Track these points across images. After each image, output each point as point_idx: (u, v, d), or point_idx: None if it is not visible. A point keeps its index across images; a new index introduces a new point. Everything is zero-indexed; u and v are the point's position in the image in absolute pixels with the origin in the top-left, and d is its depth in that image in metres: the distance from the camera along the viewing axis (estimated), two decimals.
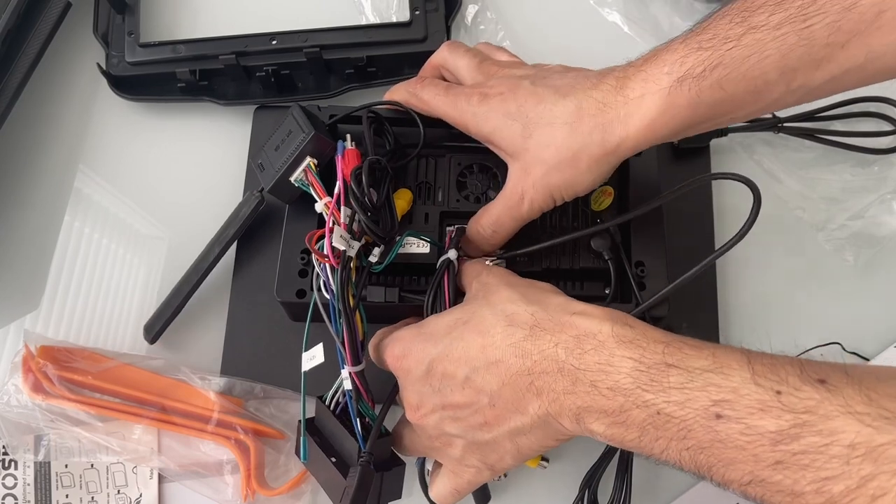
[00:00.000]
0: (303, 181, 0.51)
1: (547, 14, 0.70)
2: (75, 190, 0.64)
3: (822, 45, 0.40)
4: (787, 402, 0.34)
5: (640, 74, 0.44)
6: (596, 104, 0.45)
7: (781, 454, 0.33)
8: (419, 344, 0.46)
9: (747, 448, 0.34)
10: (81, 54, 0.68)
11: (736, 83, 0.42)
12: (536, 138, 0.47)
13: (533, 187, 0.48)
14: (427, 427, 0.46)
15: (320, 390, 0.50)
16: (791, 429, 0.33)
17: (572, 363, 0.40)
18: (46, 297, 0.61)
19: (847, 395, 0.33)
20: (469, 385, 0.43)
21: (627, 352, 0.39)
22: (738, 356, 0.37)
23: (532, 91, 0.48)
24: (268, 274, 0.56)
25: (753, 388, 0.35)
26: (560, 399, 0.40)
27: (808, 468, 0.33)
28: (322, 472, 0.49)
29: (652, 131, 0.44)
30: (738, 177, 0.46)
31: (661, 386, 0.37)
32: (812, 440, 0.33)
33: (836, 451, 0.32)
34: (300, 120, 0.51)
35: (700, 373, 0.37)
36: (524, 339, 0.42)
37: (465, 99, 0.50)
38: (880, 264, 0.61)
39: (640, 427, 0.38)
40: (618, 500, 0.52)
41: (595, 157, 0.46)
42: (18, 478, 0.56)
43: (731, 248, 0.45)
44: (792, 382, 0.35)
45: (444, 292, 0.50)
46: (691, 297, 0.57)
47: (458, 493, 0.48)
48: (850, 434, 0.32)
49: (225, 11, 0.70)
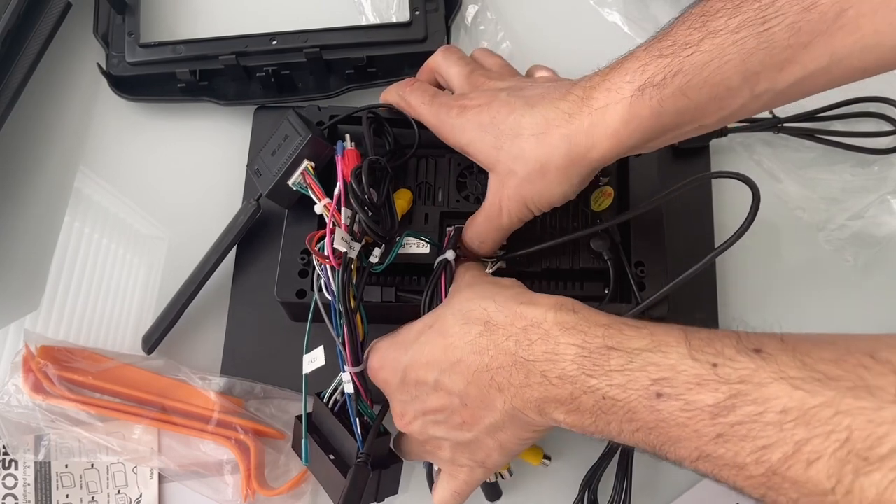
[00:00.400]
0: (301, 184, 0.52)
1: (547, 14, 0.70)
2: (75, 190, 0.64)
3: (783, 48, 0.39)
4: (723, 374, 0.34)
5: (605, 84, 0.44)
6: (562, 115, 0.45)
7: (721, 427, 0.33)
8: (392, 353, 0.47)
9: (689, 424, 0.34)
10: (81, 54, 0.68)
11: (698, 90, 0.41)
12: (507, 150, 0.47)
13: (508, 199, 0.48)
14: (415, 433, 0.47)
15: (319, 390, 0.51)
16: (727, 400, 0.33)
17: (523, 355, 0.40)
18: (46, 297, 0.61)
19: (781, 362, 0.33)
20: (440, 388, 0.44)
21: (570, 338, 0.39)
22: (675, 333, 0.37)
23: (506, 102, 0.48)
24: (268, 275, 0.56)
25: (690, 363, 0.35)
26: (520, 392, 0.41)
27: (746, 438, 0.33)
28: (320, 469, 0.50)
29: (617, 141, 0.43)
30: (737, 175, 0.46)
31: (602, 370, 0.38)
32: (747, 409, 0.33)
33: (770, 418, 0.32)
34: (296, 124, 0.52)
35: (639, 353, 0.37)
36: (479, 335, 0.42)
37: (446, 110, 0.51)
38: (880, 264, 0.61)
39: (592, 413, 0.38)
40: (618, 500, 0.52)
41: (562, 167, 0.45)
42: (19, 478, 0.56)
43: (730, 246, 0.45)
44: (728, 354, 0.34)
45: (441, 293, 0.50)
46: (691, 297, 0.57)
47: (458, 494, 0.49)
48: (783, 399, 0.32)
49: (225, 11, 0.70)
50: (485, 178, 0.55)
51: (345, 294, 0.47)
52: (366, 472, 0.47)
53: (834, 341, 0.34)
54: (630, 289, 0.52)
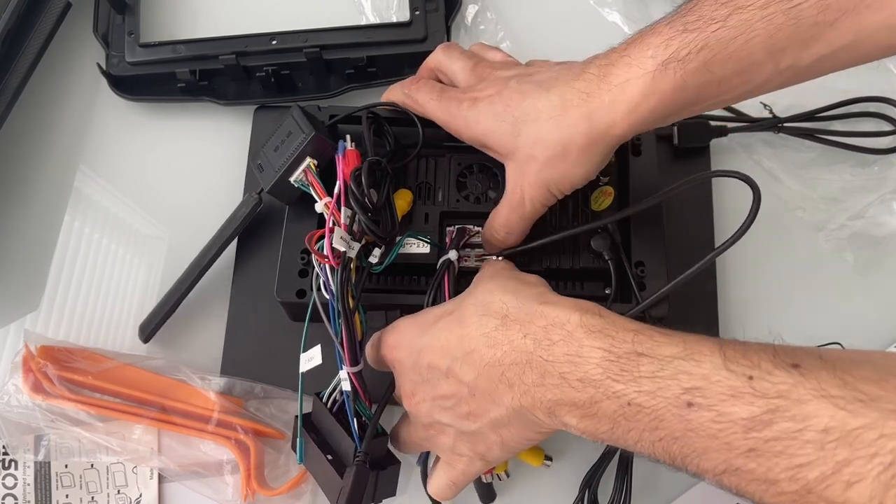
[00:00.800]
0: (302, 182, 0.51)
1: (547, 14, 0.70)
2: (75, 190, 0.64)
3: (810, 25, 0.39)
4: (760, 388, 0.33)
5: (624, 60, 0.44)
6: (579, 95, 0.45)
7: (754, 441, 0.33)
8: (410, 334, 0.47)
9: (719, 436, 0.34)
10: (81, 54, 0.68)
11: (722, 65, 0.41)
12: (525, 136, 0.47)
13: (530, 186, 0.48)
14: (421, 415, 0.47)
15: (319, 390, 0.51)
16: (763, 415, 0.33)
17: (541, 355, 0.40)
18: (46, 297, 0.61)
19: (821, 379, 0.32)
20: (451, 375, 0.44)
21: (596, 342, 0.39)
22: (709, 343, 0.37)
23: (517, 89, 0.48)
24: (268, 274, 0.56)
25: (725, 374, 0.35)
26: (531, 392, 0.40)
27: (782, 455, 0.32)
28: (318, 470, 0.50)
29: (638, 116, 0.43)
30: (737, 174, 0.46)
31: (631, 375, 0.37)
32: (785, 426, 0.32)
33: (809, 437, 0.31)
34: (300, 121, 0.51)
35: (670, 360, 0.36)
36: (495, 328, 0.42)
37: (456, 104, 0.50)
38: (880, 264, 0.61)
39: (611, 419, 0.38)
40: (618, 500, 0.52)
41: (583, 147, 0.45)
42: (18, 478, 0.56)
43: (730, 245, 0.45)
44: (764, 367, 0.34)
45: (444, 292, 0.50)
46: (691, 297, 0.57)
47: (455, 484, 0.48)
48: (823, 418, 0.31)
49: (225, 11, 0.70)
50: (485, 178, 0.55)
51: (343, 294, 0.47)
52: (365, 472, 0.47)
53: (872, 360, 0.33)
54: (630, 288, 0.51)
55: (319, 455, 0.49)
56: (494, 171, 0.55)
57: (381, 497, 0.49)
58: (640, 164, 0.55)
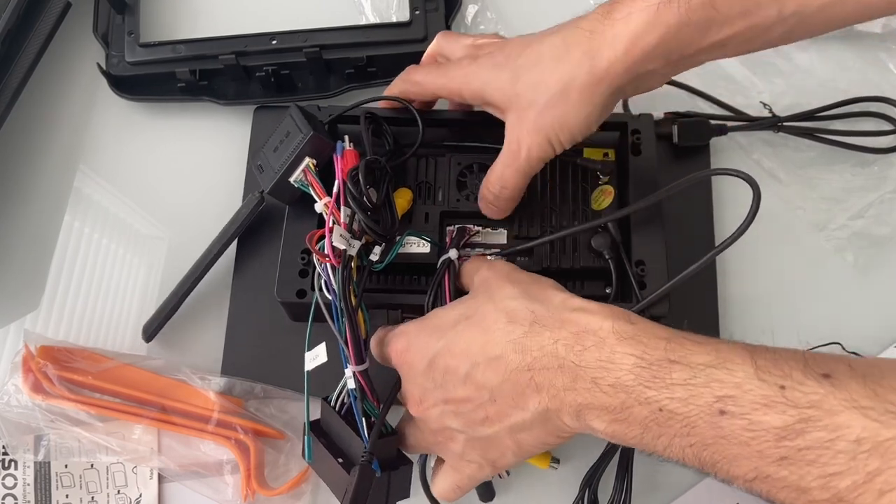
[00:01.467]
0: (302, 182, 0.51)
1: (547, 14, 0.68)
2: (75, 190, 0.64)
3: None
4: (792, 397, 0.34)
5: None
6: (582, 33, 0.45)
7: (786, 450, 0.33)
8: (422, 338, 0.46)
9: (751, 444, 0.34)
10: (81, 54, 0.68)
11: (728, 3, 0.41)
12: (525, 80, 0.46)
13: (528, 133, 0.47)
14: (429, 420, 0.46)
15: (323, 391, 0.50)
16: (796, 424, 0.33)
17: (572, 360, 0.40)
18: (46, 297, 0.61)
19: (852, 390, 0.33)
20: (470, 380, 0.43)
21: (629, 348, 0.39)
22: (740, 351, 0.37)
23: (520, 41, 0.48)
24: (268, 274, 0.56)
25: (757, 383, 0.35)
26: (560, 395, 0.40)
27: (814, 464, 0.32)
28: (329, 474, 0.49)
29: (640, 50, 0.43)
30: (736, 172, 0.45)
31: (663, 382, 0.37)
32: (817, 435, 0.32)
33: (841, 447, 0.32)
34: (298, 121, 0.51)
35: (703, 368, 0.37)
36: (524, 335, 0.42)
37: (455, 66, 0.50)
38: (880, 264, 0.61)
39: (642, 424, 0.38)
40: (618, 499, 0.52)
41: (585, 86, 0.44)
42: (18, 478, 0.56)
43: (730, 244, 0.45)
44: (796, 377, 0.34)
45: (445, 292, 0.50)
46: (691, 296, 0.57)
47: (460, 488, 0.48)
48: (855, 429, 0.32)
49: (225, 11, 0.70)
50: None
51: (345, 292, 0.47)
52: (370, 472, 0.46)
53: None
54: (630, 287, 0.52)
55: (329, 458, 0.48)
56: None
57: (394, 500, 0.48)
58: (639, 163, 0.55)
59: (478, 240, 0.54)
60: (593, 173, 0.56)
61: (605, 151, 0.56)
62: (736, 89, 0.65)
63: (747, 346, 0.37)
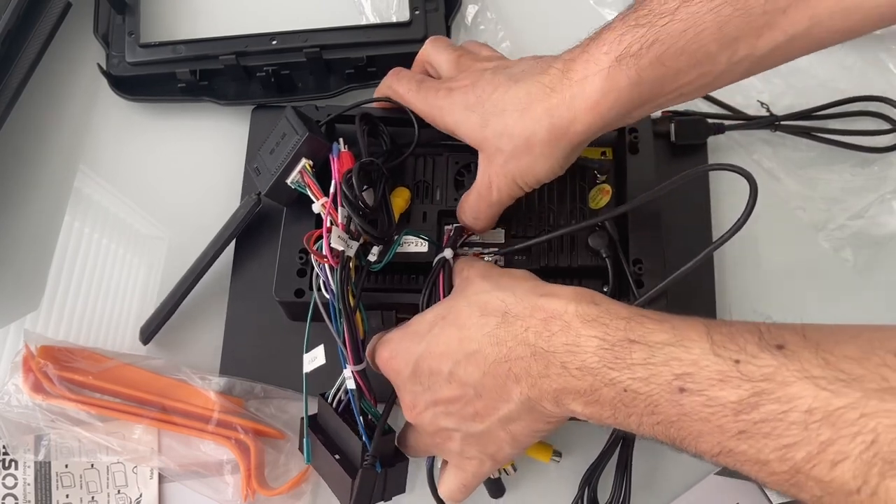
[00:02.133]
0: (299, 183, 0.51)
1: (547, 14, 0.70)
2: (75, 190, 0.64)
3: (759, 14, 0.40)
4: (746, 371, 0.34)
5: (584, 56, 0.44)
6: (544, 89, 0.45)
7: (744, 424, 0.34)
8: (405, 344, 0.46)
9: (712, 420, 0.35)
10: (81, 54, 0.68)
11: (676, 58, 0.42)
12: (492, 127, 0.47)
13: (496, 175, 0.48)
14: (424, 424, 0.46)
15: (321, 390, 0.50)
16: (750, 398, 0.33)
17: (542, 346, 0.40)
18: (46, 297, 0.61)
19: (804, 360, 0.33)
20: (454, 379, 0.44)
21: (592, 330, 0.39)
22: (697, 327, 0.37)
23: (490, 80, 0.48)
24: (266, 274, 0.56)
25: (713, 358, 0.35)
26: (538, 383, 0.41)
27: (770, 436, 0.33)
28: (327, 470, 0.50)
29: (598, 114, 0.43)
30: (733, 167, 0.45)
31: (624, 363, 0.38)
32: (771, 408, 0.33)
33: (794, 418, 0.32)
34: (294, 122, 0.52)
35: (661, 347, 0.37)
36: (497, 326, 0.42)
37: (433, 94, 0.51)
38: (880, 264, 0.61)
39: (611, 405, 0.38)
40: (617, 497, 0.52)
41: (546, 142, 0.45)
42: (18, 478, 0.56)
43: (728, 239, 0.44)
44: (750, 350, 0.35)
45: (439, 290, 0.50)
46: (690, 296, 0.57)
47: (466, 487, 0.48)
48: (807, 399, 0.32)
49: (225, 11, 0.70)
50: None
51: (344, 292, 0.47)
52: (373, 475, 0.47)
53: (857, 335, 0.34)
54: (628, 285, 0.52)
55: (326, 454, 0.48)
56: None
57: (390, 495, 0.49)
58: (637, 161, 0.55)
59: (475, 239, 0.54)
60: (591, 172, 0.56)
61: (603, 150, 0.56)
62: (734, 89, 0.65)
63: (704, 322, 0.38)
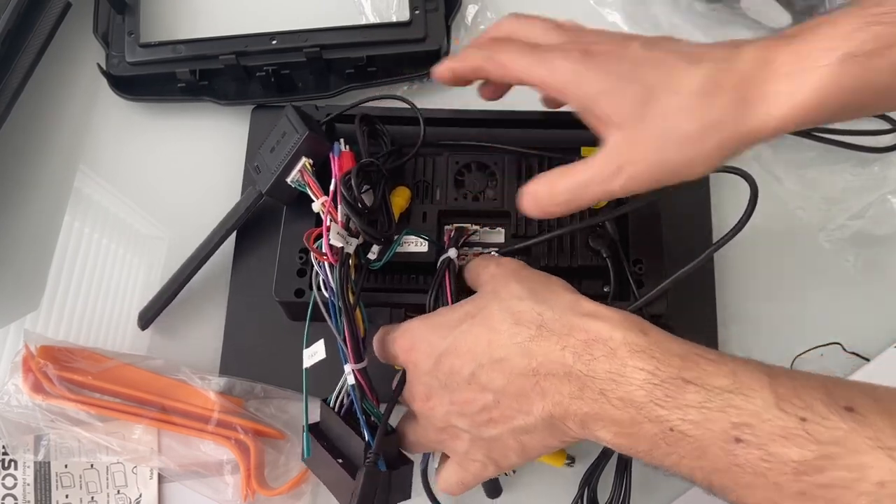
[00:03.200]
0: (299, 181, 0.52)
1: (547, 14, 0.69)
2: (75, 190, 0.64)
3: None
4: (813, 431, 0.33)
5: (791, 48, 0.38)
6: (734, 76, 0.39)
7: (805, 485, 0.32)
8: (428, 336, 0.45)
9: (768, 475, 0.33)
10: (81, 54, 0.68)
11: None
12: (658, 107, 0.40)
13: (638, 162, 0.41)
14: (434, 418, 0.45)
15: (321, 390, 0.50)
16: (816, 460, 0.32)
17: (580, 369, 0.39)
18: (46, 297, 0.61)
19: (877, 427, 0.32)
20: (475, 381, 0.42)
21: (640, 362, 0.37)
22: (759, 376, 0.35)
23: (648, 54, 0.42)
24: (266, 273, 0.55)
25: (777, 412, 0.34)
26: (566, 403, 0.39)
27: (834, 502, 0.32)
28: (330, 475, 0.49)
29: (802, 114, 0.38)
30: (733, 169, 0.45)
31: (675, 402, 0.36)
32: (839, 474, 0.32)
33: (864, 488, 0.31)
34: (294, 121, 0.52)
35: (719, 392, 0.35)
36: (530, 339, 0.41)
37: (560, 55, 0.43)
38: (880, 264, 0.61)
39: (650, 440, 0.37)
40: (617, 498, 0.52)
41: (726, 137, 0.39)
42: (18, 478, 0.56)
43: (728, 240, 0.44)
44: (818, 409, 0.33)
45: (446, 291, 0.50)
46: (690, 296, 0.56)
47: (464, 485, 0.48)
48: (879, 471, 0.31)
49: (225, 11, 0.70)
50: (482, 176, 0.55)
51: (343, 290, 0.47)
52: (376, 473, 0.46)
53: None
54: (628, 286, 0.52)
55: (329, 459, 0.48)
56: (492, 169, 0.55)
57: (395, 499, 0.48)
58: None
59: (476, 239, 0.54)
60: None
61: None
62: None
63: (766, 370, 0.36)
